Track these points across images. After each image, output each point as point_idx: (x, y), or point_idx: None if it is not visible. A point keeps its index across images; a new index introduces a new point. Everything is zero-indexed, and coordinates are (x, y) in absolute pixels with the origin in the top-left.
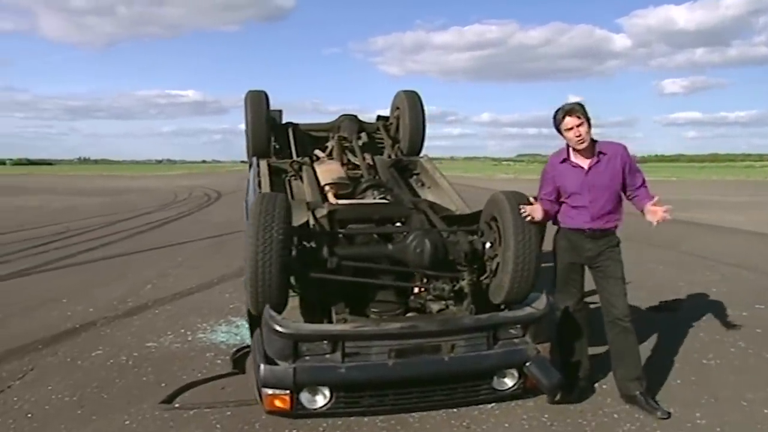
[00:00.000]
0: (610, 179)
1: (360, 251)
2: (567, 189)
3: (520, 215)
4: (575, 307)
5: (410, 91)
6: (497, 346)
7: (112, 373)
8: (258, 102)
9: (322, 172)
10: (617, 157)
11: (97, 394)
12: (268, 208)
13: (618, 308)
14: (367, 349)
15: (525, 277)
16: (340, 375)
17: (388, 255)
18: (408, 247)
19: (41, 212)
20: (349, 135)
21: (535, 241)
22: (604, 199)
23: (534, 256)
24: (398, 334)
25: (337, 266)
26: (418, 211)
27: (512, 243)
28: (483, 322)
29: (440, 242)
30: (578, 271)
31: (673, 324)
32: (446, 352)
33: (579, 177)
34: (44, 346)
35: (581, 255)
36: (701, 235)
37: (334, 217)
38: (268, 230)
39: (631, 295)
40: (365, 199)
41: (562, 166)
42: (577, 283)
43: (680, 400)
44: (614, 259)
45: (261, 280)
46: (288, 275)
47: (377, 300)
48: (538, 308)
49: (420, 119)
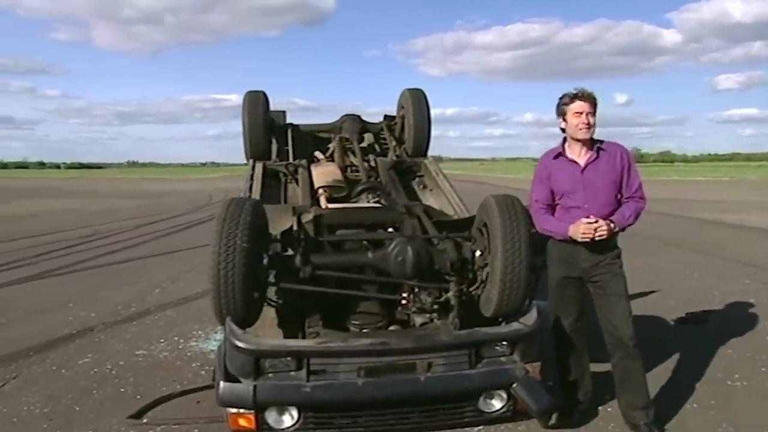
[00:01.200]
0: (609, 178)
1: (336, 260)
2: (560, 188)
3: (509, 220)
4: (573, 325)
5: (415, 89)
6: (481, 365)
7: (92, 383)
8: (255, 103)
9: (318, 175)
10: (617, 156)
11: (70, 406)
12: (233, 214)
13: (621, 330)
14: (334, 367)
15: (514, 288)
16: (304, 394)
17: (368, 264)
18: (389, 255)
19: (78, 215)
20: (350, 135)
21: (525, 250)
22: (602, 200)
23: (524, 266)
24: (367, 351)
25: (311, 276)
26: (410, 216)
27: (500, 251)
28: (462, 339)
29: (424, 250)
30: (574, 286)
31: (699, 338)
32: (422, 371)
33: (574, 174)
34: (35, 353)
35: (576, 267)
36: (749, 240)
37: (321, 223)
38: (232, 238)
39: (658, 305)
40: (359, 202)
41: (556, 162)
42: (574, 300)
43: (693, 428)
44: (615, 272)
45: (223, 291)
46: (254, 286)
47: (360, 312)
48: (527, 324)
49: (425, 119)
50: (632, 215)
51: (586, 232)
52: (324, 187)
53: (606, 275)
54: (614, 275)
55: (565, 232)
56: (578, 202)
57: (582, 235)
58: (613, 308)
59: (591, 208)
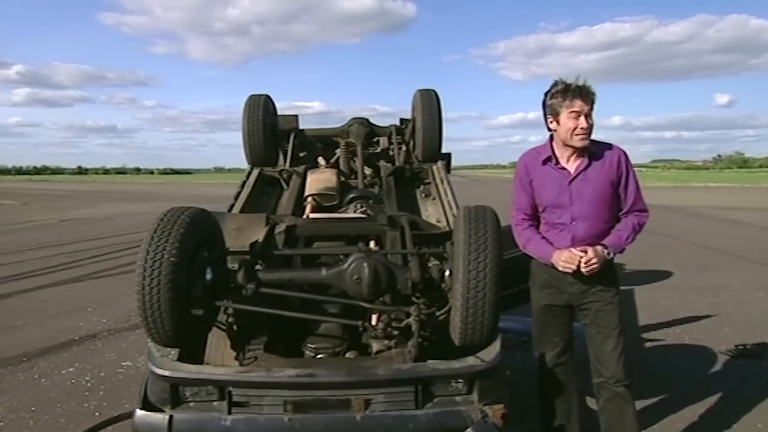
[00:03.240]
0: (603, 189)
1: (286, 276)
2: (542, 199)
3: (475, 236)
4: (556, 360)
5: (426, 90)
6: (430, 404)
7: (61, 395)
8: (255, 107)
9: (311, 182)
10: (614, 161)
11: (26, 421)
12: (165, 225)
13: (609, 369)
14: (259, 399)
15: (478, 316)
16: (224, 428)
17: (323, 282)
18: (344, 273)
19: (147, 218)
20: (355, 140)
21: (493, 270)
22: (593, 216)
23: (490, 289)
24: (290, 384)
25: (255, 294)
26: (393, 228)
27: (461, 272)
28: (402, 374)
29: (384, 268)
30: (560, 314)
31: (752, 374)
32: (359, 409)
33: (560, 184)
34: (28, 359)
35: (562, 293)
36: None
37: (294, 234)
38: (159, 251)
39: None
40: (348, 212)
41: (542, 168)
42: (560, 330)
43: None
44: (607, 301)
45: (149, 309)
46: (188, 304)
47: (318, 334)
48: (485, 359)
49: (435, 121)
50: (631, 235)
51: (568, 262)
52: (313, 195)
53: (596, 303)
54: (606, 304)
55: (549, 257)
56: (564, 219)
57: (563, 264)
58: (601, 343)
59: (579, 226)
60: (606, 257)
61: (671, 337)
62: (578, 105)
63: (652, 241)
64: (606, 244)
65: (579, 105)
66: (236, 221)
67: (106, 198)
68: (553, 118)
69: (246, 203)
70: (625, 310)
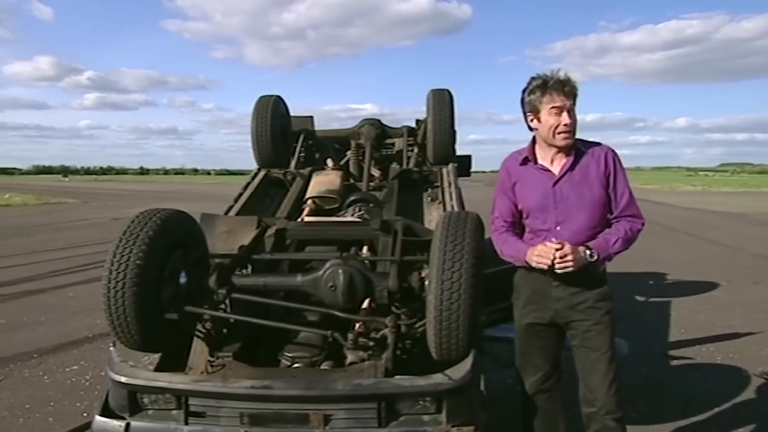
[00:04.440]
0: (590, 191)
1: (259, 282)
2: (525, 204)
3: (451, 243)
4: (540, 385)
5: (439, 90)
6: (394, 423)
7: (57, 394)
8: (263, 108)
9: (313, 185)
10: (601, 160)
11: (17, 418)
12: (135, 227)
13: (599, 398)
14: (216, 410)
15: (452, 328)
16: None
17: (298, 289)
18: (319, 280)
19: None
20: (364, 141)
21: (469, 279)
22: (578, 221)
23: (465, 301)
24: (244, 395)
25: (226, 300)
26: (386, 234)
27: (434, 283)
28: (361, 390)
29: (360, 276)
30: (544, 335)
31: None
32: (317, 425)
33: (544, 186)
34: (39, 356)
35: (546, 309)
36: None
37: (284, 238)
38: (126, 253)
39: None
40: (346, 215)
41: (524, 170)
42: (544, 352)
43: None
44: (597, 320)
45: (113, 311)
46: (157, 308)
47: (296, 343)
48: (453, 377)
49: (446, 122)
50: (620, 240)
51: (542, 255)
52: (314, 197)
53: (584, 323)
54: (596, 324)
55: (524, 255)
56: (547, 224)
57: (536, 259)
58: (591, 369)
59: (563, 231)
60: (587, 259)
61: (702, 356)
62: (559, 100)
63: (702, 249)
64: (589, 246)
65: (560, 100)
66: (227, 224)
67: (160, 197)
68: (533, 115)
69: (246, 205)
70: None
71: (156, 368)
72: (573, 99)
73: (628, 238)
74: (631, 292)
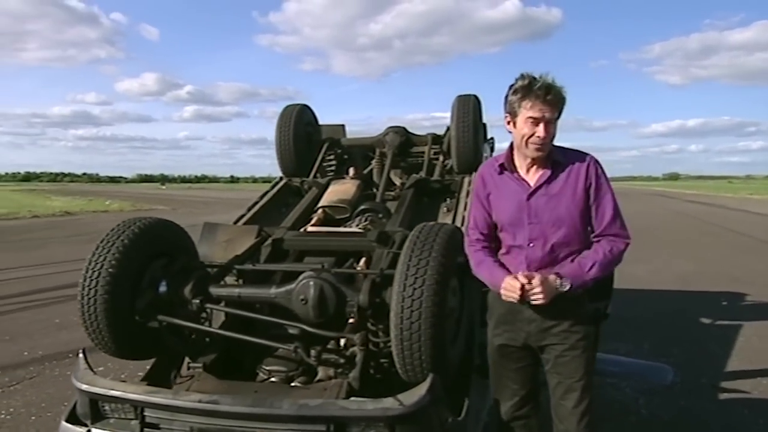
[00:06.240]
0: (568, 207)
1: (234, 293)
2: (500, 217)
3: (416, 259)
4: (514, 412)
5: (466, 96)
6: None
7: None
8: (287, 117)
9: (328, 194)
10: (581, 173)
11: (29, 417)
12: (112, 235)
13: (569, 430)
14: (169, 423)
15: (414, 350)
16: None
17: (271, 301)
18: (292, 293)
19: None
20: (387, 150)
21: (431, 296)
22: (554, 239)
23: (426, 320)
24: (190, 409)
25: (200, 310)
26: (383, 245)
27: (394, 298)
28: (308, 411)
29: (332, 290)
30: (516, 358)
31: None
32: None
33: (519, 198)
34: (74, 355)
35: (519, 331)
36: None
37: (280, 248)
38: (100, 261)
39: None
40: (352, 225)
41: (500, 179)
42: (518, 376)
43: None
44: (571, 345)
45: (87, 318)
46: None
47: (275, 356)
48: (404, 403)
49: (470, 130)
50: (596, 264)
51: (508, 290)
52: (324, 207)
53: (558, 347)
54: (569, 349)
55: (499, 283)
56: (519, 241)
57: (503, 293)
58: (561, 397)
59: (536, 249)
60: (559, 289)
61: (760, 390)
62: (538, 110)
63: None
64: (561, 274)
65: (539, 110)
66: (228, 233)
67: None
68: (510, 118)
69: (258, 213)
70: (716, 349)
71: (146, 376)
72: (557, 109)
73: (608, 261)
74: (696, 314)
